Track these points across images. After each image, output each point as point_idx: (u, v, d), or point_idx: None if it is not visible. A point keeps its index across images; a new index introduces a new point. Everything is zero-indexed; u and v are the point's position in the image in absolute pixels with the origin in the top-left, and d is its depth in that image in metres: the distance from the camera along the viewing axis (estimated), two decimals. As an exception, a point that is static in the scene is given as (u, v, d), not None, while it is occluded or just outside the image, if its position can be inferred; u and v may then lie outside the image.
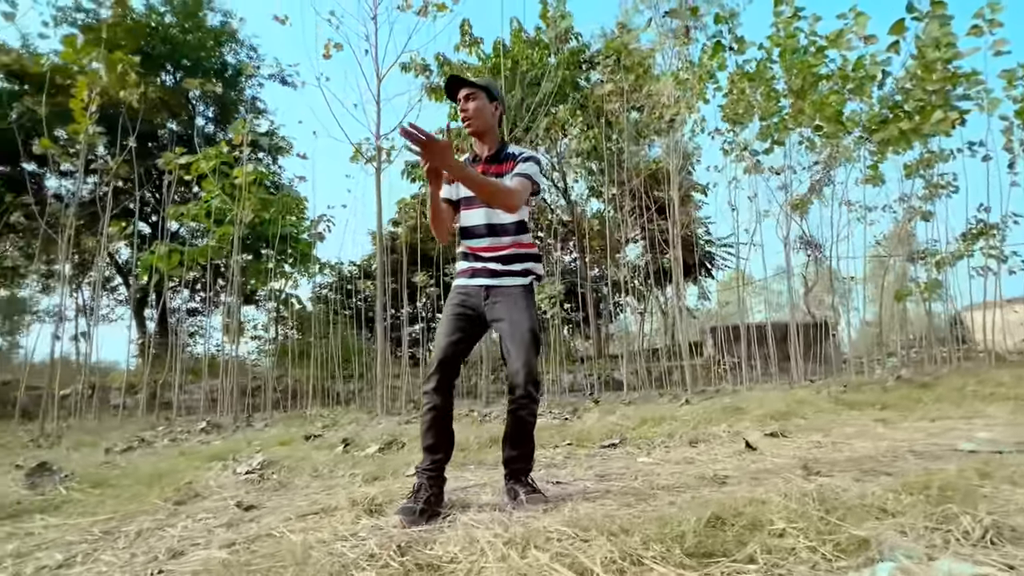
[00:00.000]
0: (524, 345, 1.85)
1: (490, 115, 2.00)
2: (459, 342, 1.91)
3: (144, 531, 1.78)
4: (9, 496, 2.31)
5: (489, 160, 2.01)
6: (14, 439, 5.01)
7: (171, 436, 4.75)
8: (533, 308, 1.98)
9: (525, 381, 1.84)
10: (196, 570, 1.35)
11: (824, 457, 2.46)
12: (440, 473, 1.90)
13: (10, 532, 1.84)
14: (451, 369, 1.90)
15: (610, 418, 3.92)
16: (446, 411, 1.89)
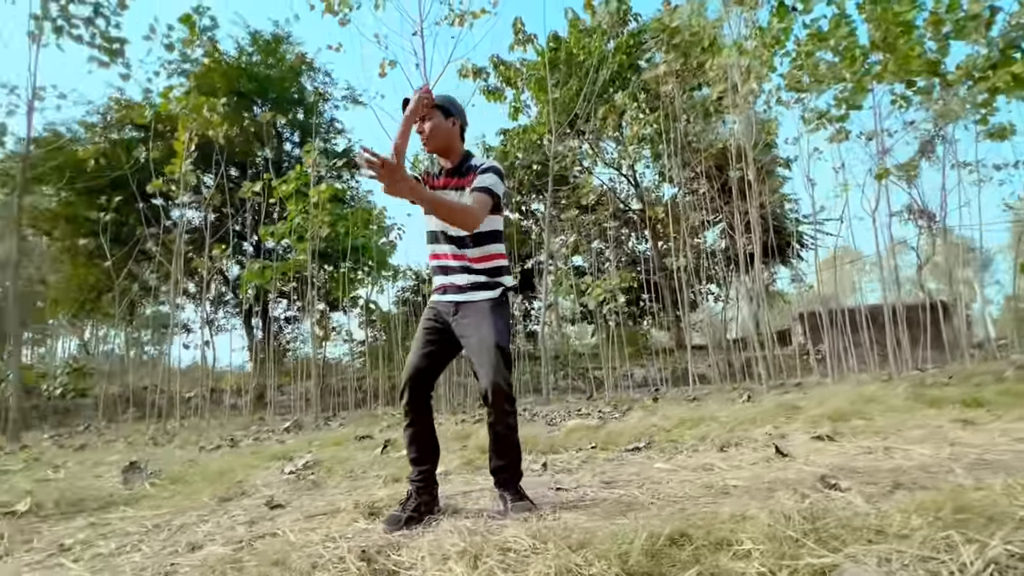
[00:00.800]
0: (491, 361, 1.85)
1: (447, 132, 2.02)
2: (428, 356, 1.97)
3: (184, 526, 2.07)
4: (105, 490, 2.78)
5: (451, 173, 2.04)
6: (140, 437, 5.93)
7: (257, 435, 5.35)
8: (503, 321, 1.96)
9: (495, 398, 1.87)
10: (200, 565, 1.56)
11: (864, 466, 2.23)
12: (428, 482, 1.98)
13: (92, 523, 2.22)
14: (420, 385, 1.96)
15: (652, 419, 3.80)
16: (424, 424, 1.97)
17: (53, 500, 2.56)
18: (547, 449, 3.03)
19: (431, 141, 2.01)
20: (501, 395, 1.87)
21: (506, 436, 1.95)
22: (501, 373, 1.86)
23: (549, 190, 8.57)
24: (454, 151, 2.06)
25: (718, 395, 6.27)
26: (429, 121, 2.00)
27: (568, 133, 12.08)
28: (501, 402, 1.89)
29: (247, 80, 11.62)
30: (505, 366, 1.89)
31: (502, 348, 1.89)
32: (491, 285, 2.00)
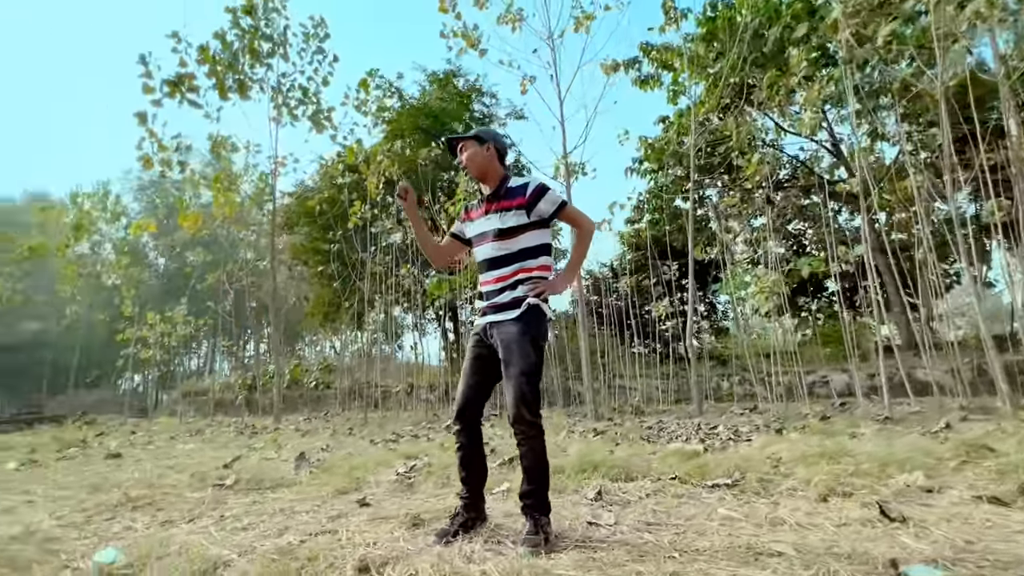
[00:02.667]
0: (514, 387, 1.97)
1: (484, 158, 2.20)
2: (476, 386, 2.16)
3: (296, 512, 2.67)
4: (280, 473, 3.68)
5: (491, 198, 2.20)
6: (343, 426, 7.45)
7: (416, 432, 6.23)
8: (526, 339, 2.01)
9: (516, 427, 2.00)
10: (256, 555, 2.04)
11: (1005, 550, 1.62)
12: (474, 500, 2.18)
13: (255, 500, 3.02)
14: (470, 415, 2.16)
15: (776, 446, 3.27)
16: (473, 448, 2.17)
17: (246, 479, 3.52)
18: (621, 475, 2.90)
19: (470, 167, 2.23)
20: (523, 423, 1.98)
21: (531, 459, 2.03)
22: (524, 402, 1.96)
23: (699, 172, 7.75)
24: (492, 174, 2.22)
25: (928, 416, 4.92)
26: (465, 152, 2.23)
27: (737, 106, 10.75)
28: (524, 428, 2.00)
29: (424, 117, 13.40)
30: (531, 392, 1.98)
31: (524, 373, 1.97)
32: (513, 304, 2.08)
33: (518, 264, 2.11)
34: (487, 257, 2.16)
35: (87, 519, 2.82)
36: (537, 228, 2.14)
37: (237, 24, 8.24)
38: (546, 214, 2.12)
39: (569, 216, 2.18)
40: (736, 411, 6.65)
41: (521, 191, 2.13)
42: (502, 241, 2.11)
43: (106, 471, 4.52)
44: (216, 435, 7.30)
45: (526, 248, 2.11)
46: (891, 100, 8.21)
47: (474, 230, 2.24)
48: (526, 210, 2.10)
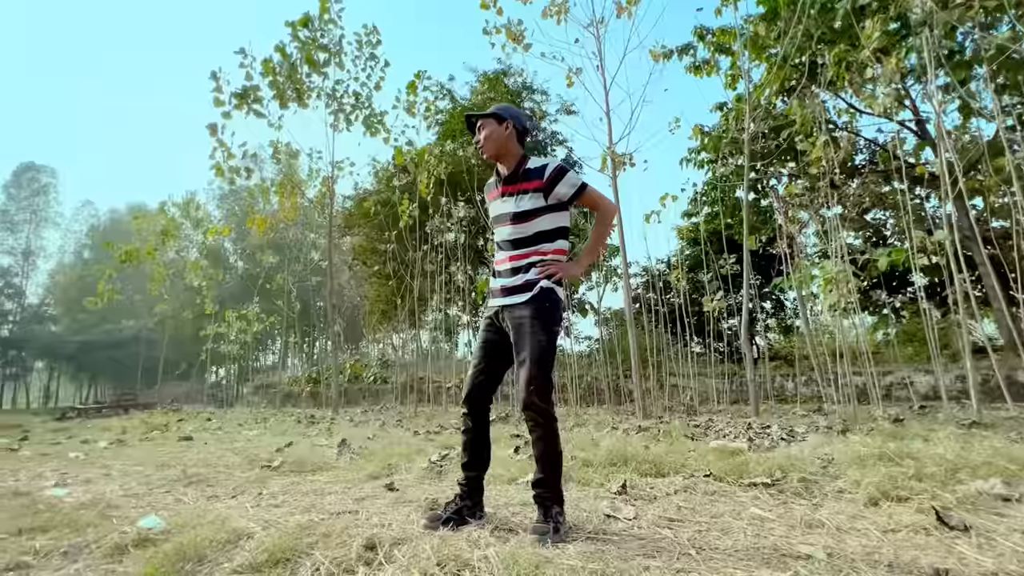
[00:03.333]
0: (524, 373, 1.92)
1: (501, 137, 2.12)
2: (485, 370, 2.12)
3: (329, 493, 2.77)
4: (323, 459, 3.84)
5: (508, 180, 2.12)
6: (391, 419, 7.66)
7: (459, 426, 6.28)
8: (537, 324, 1.96)
9: (526, 414, 1.95)
10: (281, 527, 2.13)
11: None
12: (472, 489, 2.15)
13: (295, 481, 3.16)
14: (478, 399, 2.13)
15: (831, 447, 3.00)
16: (478, 434, 2.15)
17: (291, 462, 3.70)
18: (652, 471, 2.76)
19: (487, 147, 2.14)
20: (533, 409, 1.93)
21: (543, 447, 1.98)
22: (534, 388, 1.91)
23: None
24: (510, 154, 2.14)
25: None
26: (483, 131, 2.14)
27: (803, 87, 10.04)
28: (534, 415, 1.95)
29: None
30: (541, 379, 1.92)
31: (534, 360, 1.92)
32: (525, 286, 2.02)
33: (533, 247, 2.05)
34: (502, 239, 2.12)
35: (148, 491, 3.08)
36: (554, 211, 2.06)
37: (296, 37, 8.72)
38: (565, 197, 2.04)
39: (590, 199, 2.08)
40: (799, 412, 6.19)
41: (539, 173, 2.05)
42: (517, 224, 2.06)
43: (176, 451, 4.92)
44: (278, 424, 7.76)
45: (542, 231, 2.04)
46: (988, 70, 7.31)
47: (492, 211, 2.20)
48: (543, 193, 2.03)
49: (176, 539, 1.91)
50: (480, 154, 2.23)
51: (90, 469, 4.03)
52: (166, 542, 1.89)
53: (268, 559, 1.70)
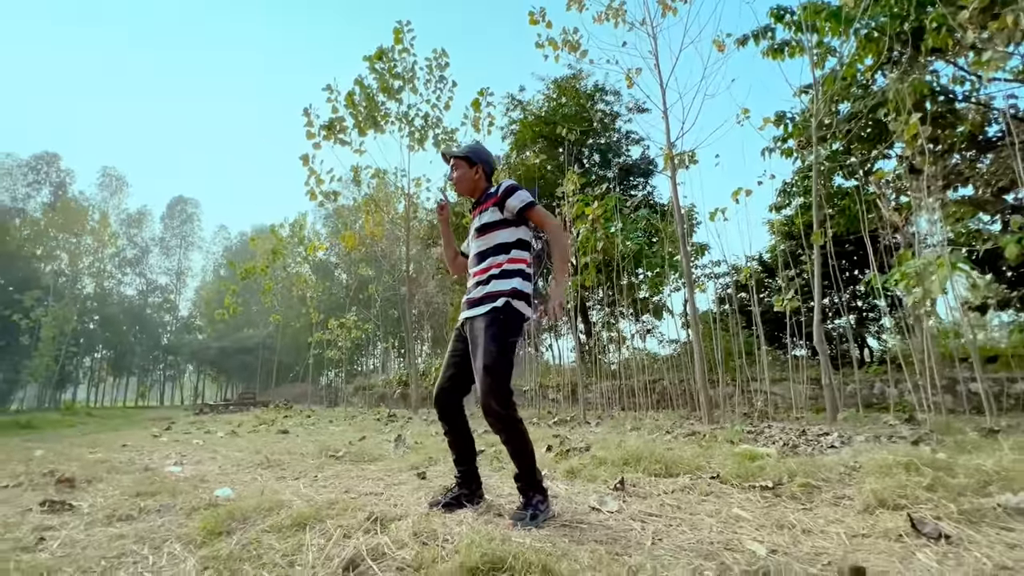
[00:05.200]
0: (480, 380, 2.14)
1: (471, 179, 2.43)
2: (451, 379, 2.36)
3: (367, 478, 3.19)
4: (381, 452, 4.33)
5: (476, 205, 2.44)
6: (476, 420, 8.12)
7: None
8: (490, 335, 2.13)
9: (485, 413, 2.16)
10: (315, 502, 2.54)
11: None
12: (466, 479, 2.41)
13: (348, 468, 3.65)
14: (448, 403, 2.36)
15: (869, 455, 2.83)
16: (455, 433, 2.39)
17: (354, 453, 4.23)
18: (662, 471, 2.83)
19: (458, 186, 2.46)
20: (491, 415, 2.15)
21: (511, 447, 2.21)
22: (490, 395, 2.11)
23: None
24: (479, 191, 2.45)
25: None
26: (456, 171, 2.45)
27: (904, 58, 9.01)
28: (493, 421, 2.17)
29: (544, 125, 13.85)
30: (496, 385, 2.11)
31: (490, 369, 2.12)
32: (482, 299, 2.24)
33: (492, 258, 2.27)
34: (471, 254, 2.38)
35: (236, 471, 3.74)
36: (512, 225, 2.29)
37: (373, 69, 9.65)
38: (515, 210, 2.25)
39: (537, 216, 2.26)
40: (890, 422, 5.64)
41: (494, 192, 2.33)
42: (481, 236, 2.32)
43: (271, 441, 5.76)
44: (363, 421, 8.60)
45: (502, 243, 2.27)
46: None
47: (469, 233, 2.48)
48: (499, 207, 2.28)
49: (233, 505, 2.40)
50: (452, 189, 2.54)
51: (203, 453, 4.90)
52: (225, 507, 2.38)
53: (292, 523, 2.10)
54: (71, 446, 5.87)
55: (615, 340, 12.50)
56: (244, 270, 12.73)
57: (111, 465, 4.00)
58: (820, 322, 5.77)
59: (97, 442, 6.27)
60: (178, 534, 2.07)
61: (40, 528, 2.20)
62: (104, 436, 7.44)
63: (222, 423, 9.28)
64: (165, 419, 11.87)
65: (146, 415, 16.85)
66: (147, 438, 6.79)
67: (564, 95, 14.59)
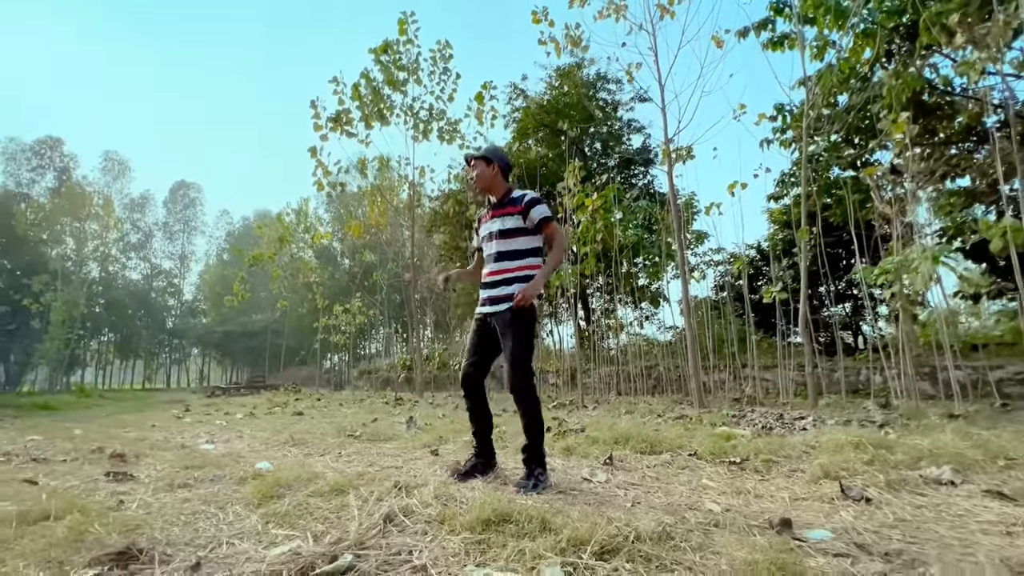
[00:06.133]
0: (510, 362, 2.58)
1: (490, 175, 2.77)
2: (476, 363, 2.78)
3: (386, 454, 3.60)
4: (394, 432, 4.75)
5: (495, 207, 2.78)
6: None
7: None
8: (518, 324, 2.56)
9: (513, 388, 2.61)
10: (340, 472, 2.95)
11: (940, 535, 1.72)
12: (483, 449, 2.82)
13: (367, 446, 4.06)
14: (473, 384, 2.80)
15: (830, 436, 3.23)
16: (478, 408, 2.82)
17: (370, 432, 4.66)
18: (647, 449, 3.23)
19: (478, 183, 2.80)
20: (518, 390, 2.59)
21: (527, 419, 2.62)
22: (518, 373, 2.56)
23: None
24: (497, 188, 2.79)
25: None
26: (475, 169, 2.79)
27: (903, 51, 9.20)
28: (519, 394, 2.60)
29: (546, 114, 14.05)
30: (521, 367, 2.56)
31: (517, 355, 2.55)
32: (509, 297, 2.61)
33: (512, 261, 2.65)
34: (490, 253, 2.73)
35: (266, 448, 4.17)
36: (530, 234, 2.68)
37: (379, 61, 9.88)
38: (534, 222, 2.64)
39: (550, 231, 2.66)
40: (867, 407, 6.05)
41: (519, 201, 2.68)
42: (502, 240, 2.67)
43: (289, 422, 6.20)
44: (372, 404, 9.05)
45: (519, 249, 2.65)
46: None
47: (483, 231, 2.82)
48: (522, 216, 2.65)
49: (276, 476, 2.81)
50: (473, 187, 2.90)
51: (229, 432, 5.34)
52: (269, 477, 2.79)
53: (331, 490, 2.51)
54: (103, 426, 6.32)
55: (614, 327, 12.89)
56: (251, 257, 13.11)
57: (150, 443, 4.43)
58: (806, 312, 6.14)
59: (126, 423, 6.72)
60: (235, 498, 2.48)
61: (115, 493, 2.62)
62: (130, 417, 7.90)
63: (236, 405, 9.75)
64: (179, 401, 12.37)
65: (158, 397, 17.43)
66: (171, 419, 7.24)
67: (566, 83, 14.78)
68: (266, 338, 28.99)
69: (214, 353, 38.95)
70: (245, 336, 31.88)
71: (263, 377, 20.38)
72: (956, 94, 10.76)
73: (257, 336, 30.45)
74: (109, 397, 18.16)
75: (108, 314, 33.81)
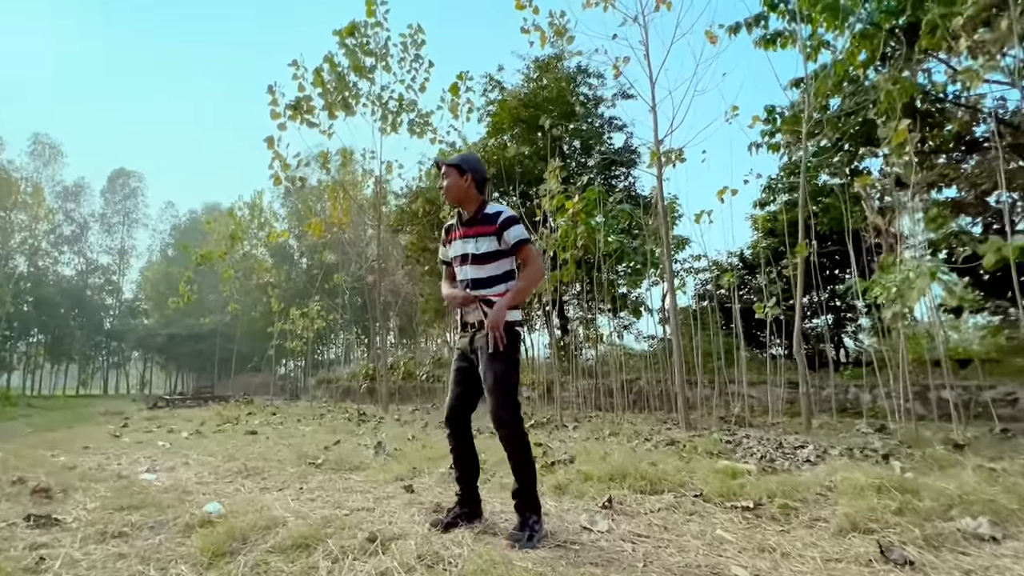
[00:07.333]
0: (492, 397, 2.38)
1: (461, 187, 2.55)
2: (461, 395, 2.58)
3: (355, 491, 3.36)
4: (361, 459, 4.48)
5: (468, 223, 2.56)
6: (436, 420, 8.30)
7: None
8: (498, 357, 2.37)
9: (498, 425, 2.41)
10: (305, 516, 2.71)
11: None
12: (467, 496, 2.61)
13: (331, 478, 3.80)
14: (458, 421, 2.58)
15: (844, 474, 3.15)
16: (462, 450, 2.60)
17: (333, 460, 4.38)
18: (647, 487, 3.09)
19: (448, 194, 2.59)
20: (503, 425, 2.39)
21: (515, 459, 2.42)
22: (502, 406, 2.36)
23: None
24: (469, 201, 2.58)
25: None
26: (446, 179, 2.58)
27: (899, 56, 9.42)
28: (504, 432, 2.40)
29: (523, 108, 13.90)
30: (505, 398, 2.37)
31: (500, 384, 2.37)
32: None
33: (488, 288, 2.48)
34: (464, 278, 2.54)
35: (215, 480, 3.85)
36: (505, 256, 2.51)
37: (344, 45, 9.53)
38: (508, 244, 2.47)
39: (526, 253, 2.48)
40: (863, 429, 6.10)
41: (493, 219, 2.49)
42: (477, 266, 2.49)
43: (242, 444, 5.84)
44: (332, 420, 8.70)
45: (496, 275, 2.48)
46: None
47: (454, 251, 2.61)
48: (496, 236, 2.47)
49: (229, 523, 2.54)
50: (442, 198, 2.69)
51: (173, 458, 4.97)
52: (221, 525, 2.52)
53: (293, 544, 2.27)
54: (28, 446, 5.82)
55: (592, 337, 12.82)
56: (200, 255, 12.51)
57: (82, 472, 4.05)
58: (800, 330, 6.16)
59: (55, 442, 6.22)
60: (180, 554, 2.21)
61: (34, 546, 2.30)
62: (60, 435, 7.35)
63: (182, 420, 9.23)
64: (117, 413, 11.69)
65: (93, 406, 16.47)
66: (106, 437, 6.76)
67: (545, 76, 14.65)
68: (215, 342, 27.91)
69: (157, 357, 37.34)
70: (192, 340, 30.61)
71: (211, 387, 19.57)
72: (949, 101, 11.12)
73: (205, 340, 29.29)
74: (38, 405, 17.09)
75: (38, 313, 31.98)
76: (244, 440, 6.29)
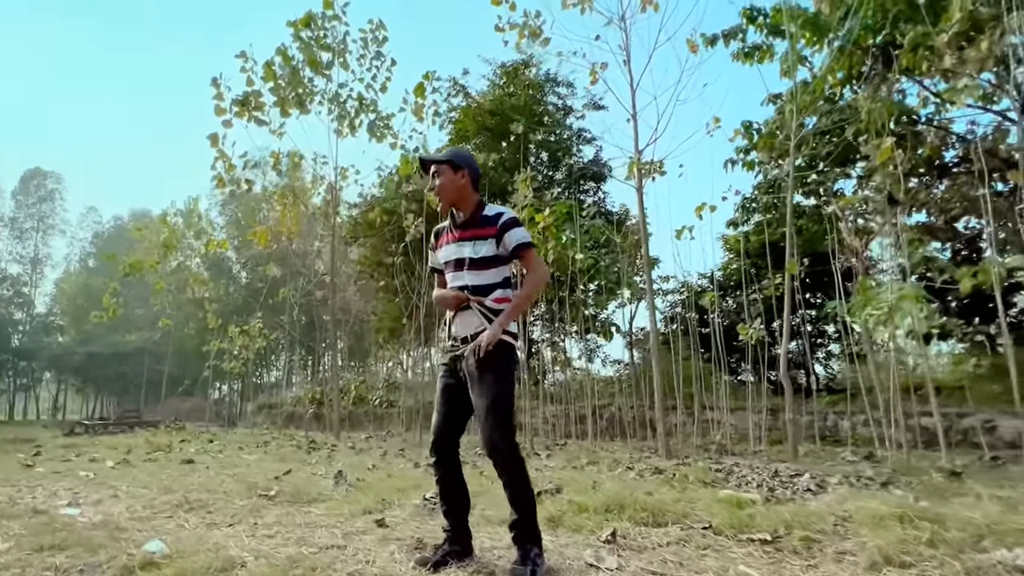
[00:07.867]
0: (483, 420, 2.24)
1: (457, 185, 2.39)
2: (448, 416, 2.42)
3: (319, 525, 3.11)
4: (319, 490, 4.20)
5: (464, 225, 2.41)
6: (394, 447, 8.01)
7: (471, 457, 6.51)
8: (491, 375, 2.24)
9: (491, 451, 2.26)
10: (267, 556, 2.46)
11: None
12: (456, 533, 2.41)
13: (289, 512, 3.52)
14: (445, 446, 2.41)
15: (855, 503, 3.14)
16: (451, 481, 2.42)
17: (288, 492, 4.09)
18: (649, 520, 2.99)
19: (443, 195, 2.42)
20: (497, 452, 2.24)
21: (512, 489, 2.27)
22: (496, 430, 2.21)
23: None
24: (465, 201, 2.41)
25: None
26: (439, 178, 2.41)
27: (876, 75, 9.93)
28: (498, 458, 2.25)
29: (490, 116, 13.94)
30: (500, 421, 2.22)
31: (491, 408, 2.22)
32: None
33: (484, 296, 2.33)
34: (458, 285, 2.38)
35: (152, 515, 3.51)
36: (503, 263, 2.38)
37: (298, 37, 9.28)
38: (509, 248, 2.34)
39: (529, 258, 2.36)
40: (848, 458, 6.22)
41: (494, 220, 2.35)
42: (474, 271, 2.34)
43: (178, 474, 5.41)
44: (279, 448, 8.24)
45: (493, 282, 2.34)
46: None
47: (445, 255, 2.46)
48: (496, 240, 2.34)
49: (177, 564, 2.28)
50: (435, 200, 2.53)
51: (99, 489, 4.54)
52: (168, 567, 2.25)
53: (256, 589, 2.03)
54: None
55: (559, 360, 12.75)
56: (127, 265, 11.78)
57: (-13, 509, 3.60)
58: (786, 353, 6.27)
59: (-53, 476, 5.57)
60: (119, 604, 1.93)
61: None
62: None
63: (105, 448, 8.52)
64: (28, 441, 10.72)
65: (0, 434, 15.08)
66: (17, 467, 6.16)
67: (513, 83, 14.70)
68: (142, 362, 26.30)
69: (72, 379, 34.83)
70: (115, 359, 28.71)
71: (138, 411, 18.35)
72: (923, 123, 11.75)
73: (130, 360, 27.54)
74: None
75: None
76: (180, 470, 5.83)
